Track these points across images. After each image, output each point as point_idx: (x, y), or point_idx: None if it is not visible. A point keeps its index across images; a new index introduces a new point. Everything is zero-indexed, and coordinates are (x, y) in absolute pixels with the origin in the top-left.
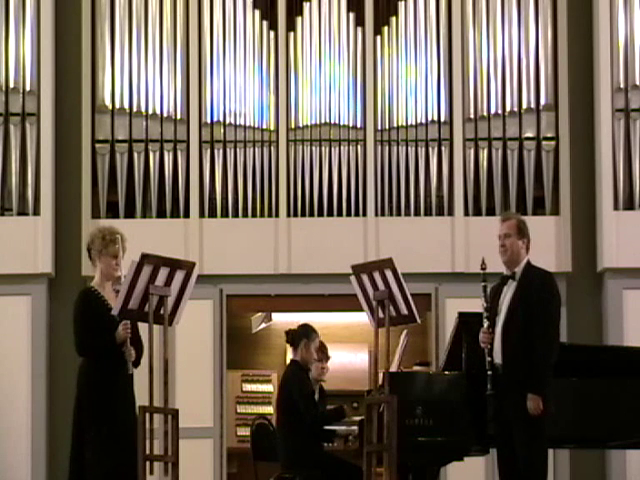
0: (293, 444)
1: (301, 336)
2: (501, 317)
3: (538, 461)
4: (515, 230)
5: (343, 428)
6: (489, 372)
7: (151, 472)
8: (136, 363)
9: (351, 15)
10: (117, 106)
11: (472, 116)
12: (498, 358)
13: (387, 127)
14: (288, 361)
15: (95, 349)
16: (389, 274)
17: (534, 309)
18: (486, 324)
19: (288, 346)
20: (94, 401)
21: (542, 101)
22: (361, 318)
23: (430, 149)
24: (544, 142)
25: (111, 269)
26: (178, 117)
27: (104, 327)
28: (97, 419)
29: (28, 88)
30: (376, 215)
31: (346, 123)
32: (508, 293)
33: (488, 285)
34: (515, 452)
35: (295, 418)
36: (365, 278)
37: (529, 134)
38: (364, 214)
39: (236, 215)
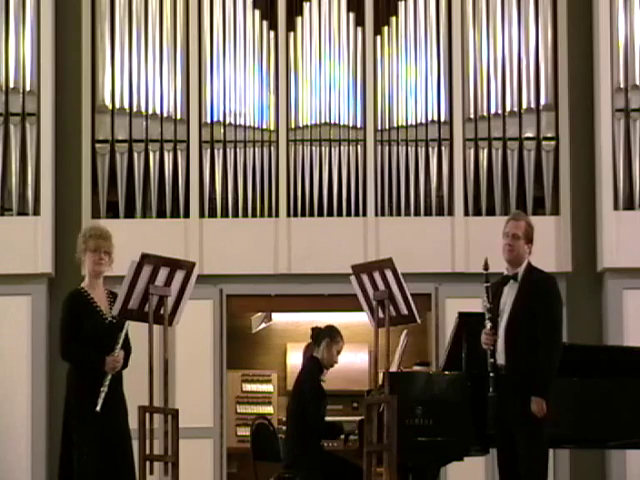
0: (294, 442)
1: (325, 335)
2: (504, 318)
3: (539, 463)
4: (524, 233)
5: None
6: (491, 374)
7: (151, 472)
8: (124, 365)
9: (351, 15)
10: (117, 106)
11: (472, 116)
12: (501, 359)
13: (387, 127)
14: (302, 357)
15: (76, 358)
16: (389, 274)
17: (538, 315)
18: (489, 325)
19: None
20: (80, 402)
21: (542, 101)
22: (361, 318)
23: (430, 149)
24: (544, 142)
25: (94, 264)
26: (178, 117)
27: (87, 333)
28: (84, 420)
29: (28, 88)
30: (376, 215)
31: (346, 123)
32: (510, 294)
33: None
34: (516, 453)
35: (302, 415)
36: (365, 278)
37: (529, 134)
38: (364, 214)
39: (236, 215)
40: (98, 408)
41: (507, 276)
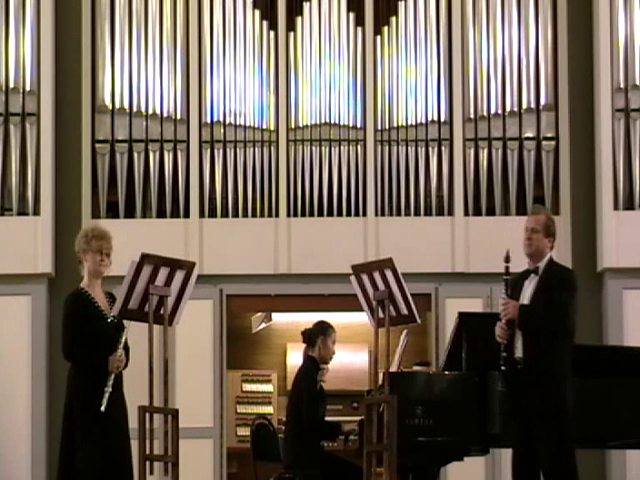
0: (294, 442)
1: (317, 333)
2: None
3: (564, 460)
4: (543, 227)
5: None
6: (503, 367)
7: (151, 472)
8: (124, 365)
9: (351, 15)
10: (117, 106)
11: (472, 116)
12: (519, 352)
13: (387, 127)
14: (302, 357)
15: (80, 358)
16: (389, 274)
17: (552, 305)
18: (505, 319)
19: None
20: (83, 402)
21: (542, 101)
22: (361, 318)
23: (430, 149)
24: (544, 142)
25: (96, 264)
26: (178, 117)
27: (92, 333)
28: (86, 420)
29: (28, 88)
30: (376, 215)
31: (346, 123)
32: (529, 287)
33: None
34: (532, 450)
35: (300, 415)
36: (365, 278)
37: (529, 134)
38: (364, 214)
39: (236, 215)
40: (103, 408)
41: (528, 270)
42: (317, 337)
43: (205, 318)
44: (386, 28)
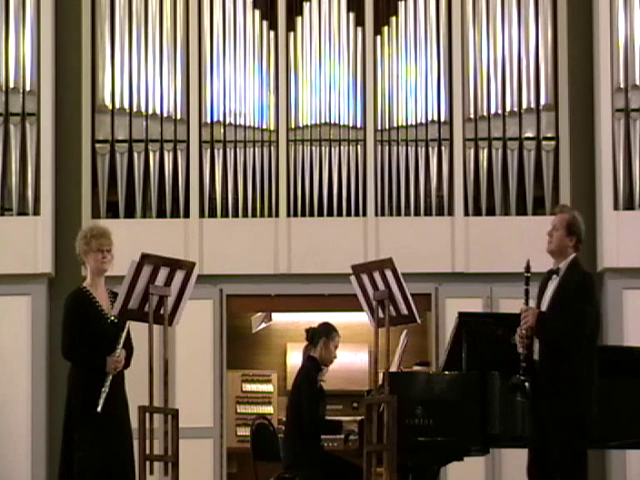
0: (294, 442)
1: (321, 334)
2: None
3: (576, 461)
4: (564, 225)
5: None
6: (522, 377)
7: (151, 472)
8: (126, 365)
9: (351, 15)
10: (117, 106)
11: (472, 116)
12: (536, 355)
13: (387, 127)
14: (302, 357)
15: (79, 358)
16: (389, 274)
17: (569, 312)
18: (524, 327)
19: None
20: (83, 402)
21: (542, 101)
22: (361, 318)
23: (430, 149)
24: (544, 142)
25: (98, 262)
26: (178, 117)
27: (92, 333)
28: (86, 420)
29: (28, 88)
30: (376, 215)
31: (346, 123)
32: (550, 289)
33: (530, 289)
34: (549, 452)
35: (300, 415)
36: (365, 278)
37: (529, 134)
38: (364, 214)
39: (236, 215)
40: (99, 409)
41: (551, 270)
42: (320, 338)
43: (205, 318)
44: (386, 28)
